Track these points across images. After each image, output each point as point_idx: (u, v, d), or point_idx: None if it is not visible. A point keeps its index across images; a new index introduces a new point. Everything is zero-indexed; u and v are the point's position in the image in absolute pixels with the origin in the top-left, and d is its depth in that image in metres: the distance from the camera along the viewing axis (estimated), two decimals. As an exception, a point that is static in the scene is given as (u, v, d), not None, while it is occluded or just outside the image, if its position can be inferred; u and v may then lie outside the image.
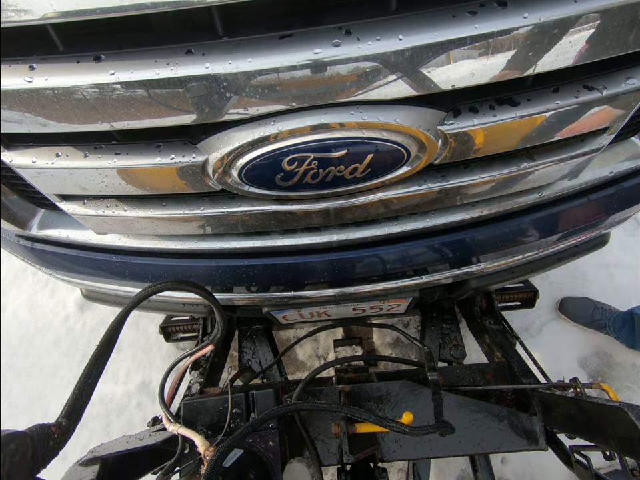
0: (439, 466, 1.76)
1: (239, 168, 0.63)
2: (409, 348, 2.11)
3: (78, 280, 1.08)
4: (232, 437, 0.63)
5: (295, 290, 0.99)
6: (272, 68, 0.51)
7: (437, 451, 0.98)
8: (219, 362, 1.44)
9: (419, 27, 0.50)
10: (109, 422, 2.05)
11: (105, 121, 0.56)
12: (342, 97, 0.55)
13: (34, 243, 1.01)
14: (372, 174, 0.66)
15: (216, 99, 0.53)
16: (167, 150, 0.63)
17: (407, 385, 1.04)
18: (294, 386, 1.04)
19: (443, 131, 0.61)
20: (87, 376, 0.58)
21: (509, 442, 0.96)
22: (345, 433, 0.88)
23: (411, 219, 0.83)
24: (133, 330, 2.26)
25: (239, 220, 0.77)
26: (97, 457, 0.76)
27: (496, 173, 0.72)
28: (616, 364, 1.94)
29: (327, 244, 0.85)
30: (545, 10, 0.49)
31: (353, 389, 1.04)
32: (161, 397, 0.83)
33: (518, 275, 1.10)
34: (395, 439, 0.98)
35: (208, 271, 0.93)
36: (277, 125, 0.58)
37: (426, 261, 0.93)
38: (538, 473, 1.73)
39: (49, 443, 0.48)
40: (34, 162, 0.66)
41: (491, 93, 0.61)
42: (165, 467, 0.77)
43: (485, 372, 1.12)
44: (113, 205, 0.78)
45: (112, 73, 0.51)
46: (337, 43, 0.50)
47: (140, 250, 0.94)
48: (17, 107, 0.55)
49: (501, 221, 0.89)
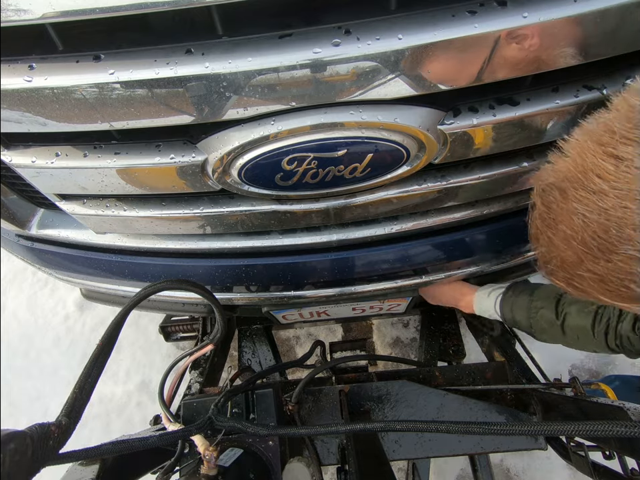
0: (438, 465, 1.76)
1: (238, 167, 0.63)
2: (408, 348, 2.11)
3: (78, 280, 1.08)
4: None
5: (294, 290, 0.99)
6: (272, 67, 0.51)
7: (436, 451, 0.98)
8: (219, 361, 1.44)
9: (419, 26, 0.50)
10: (108, 421, 2.05)
11: (105, 121, 0.56)
12: (342, 97, 0.55)
13: (34, 242, 1.01)
14: (372, 173, 0.66)
15: (216, 99, 0.53)
16: (167, 149, 0.63)
17: (406, 384, 1.04)
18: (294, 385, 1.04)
19: (443, 130, 0.61)
20: (87, 375, 0.58)
21: (509, 441, 0.96)
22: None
23: (411, 218, 0.83)
24: (132, 329, 2.26)
25: (238, 220, 0.77)
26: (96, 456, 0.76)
27: (496, 172, 0.72)
28: (615, 364, 1.94)
29: (326, 244, 0.85)
30: (545, 10, 0.49)
31: (353, 388, 1.04)
32: (161, 396, 0.83)
33: (518, 274, 1.10)
34: (395, 438, 0.99)
35: (208, 271, 0.93)
36: (276, 125, 0.58)
37: (425, 260, 0.93)
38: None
39: (48, 442, 0.48)
40: (33, 161, 0.66)
41: (491, 93, 0.61)
42: (165, 466, 0.77)
43: (484, 372, 1.12)
44: (112, 205, 0.78)
45: (111, 72, 0.51)
46: (336, 43, 0.50)
47: (140, 250, 0.94)
48: (17, 107, 0.55)
49: (501, 221, 0.89)
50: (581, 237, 0.40)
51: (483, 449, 0.97)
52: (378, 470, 0.87)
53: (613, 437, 0.66)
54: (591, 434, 0.46)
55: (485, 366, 1.14)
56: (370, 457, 0.89)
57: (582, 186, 0.40)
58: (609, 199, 0.37)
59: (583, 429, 0.47)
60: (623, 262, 0.38)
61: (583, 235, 0.40)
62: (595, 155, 0.39)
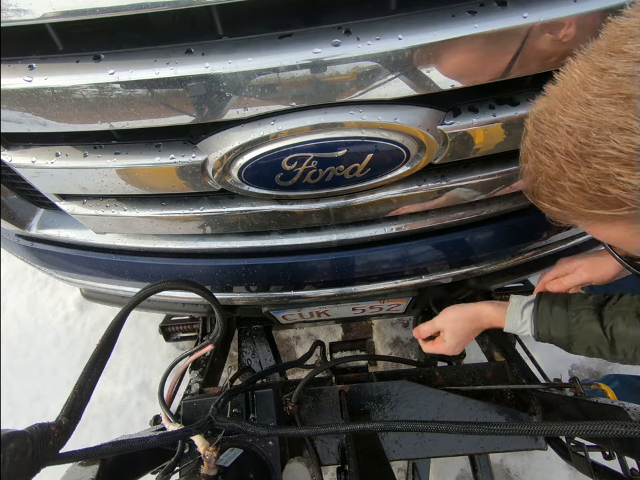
0: (438, 465, 1.76)
1: (238, 167, 0.63)
2: (408, 348, 2.11)
3: (77, 280, 1.08)
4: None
5: (294, 290, 0.99)
6: (272, 67, 0.51)
7: (436, 451, 0.98)
8: (219, 361, 1.44)
9: (419, 26, 0.50)
10: (108, 421, 2.05)
11: (105, 121, 0.56)
12: (342, 97, 0.55)
13: (34, 242, 1.00)
14: (372, 174, 0.66)
15: (216, 99, 0.53)
16: (167, 149, 0.63)
17: (406, 384, 1.04)
18: (293, 386, 1.04)
19: (443, 130, 0.61)
20: (87, 375, 0.58)
21: (509, 441, 0.96)
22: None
23: (411, 218, 0.83)
24: (132, 329, 2.26)
25: (238, 220, 0.77)
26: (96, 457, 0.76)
27: (496, 172, 0.72)
28: (615, 364, 1.94)
29: (326, 244, 0.85)
30: (545, 10, 0.49)
31: (353, 388, 1.04)
32: (161, 396, 0.83)
33: (518, 274, 1.10)
34: (395, 438, 0.99)
35: (208, 271, 0.93)
36: (276, 125, 0.58)
37: (425, 260, 0.93)
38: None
39: (48, 442, 0.47)
40: (33, 161, 0.66)
41: (491, 93, 0.61)
42: (165, 466, 0.77)
43: (484, 372, 1.12)
44: (112, 205, 0.78)
45: (111, 72, 0.51)
46: (336, 43, 0.50)
47: (140, 250, 0.94)
48: (17, 107, 0.55)
49: (501, 221, 0.89)
50: (564, 147, 0.43)
51: (483, 449, 0.97)
52: (378, 470, 0.87)
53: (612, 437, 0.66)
54: (591, 434, 0.46)
55: (485, 366, 1.14)
56: (370, 457, 0.89)
57: (569, 101, 0.43)
58: (592, 106, 0.40)
59: (582, 429, 0.47)
60: (600, 164, 0.40)
61: (566, 145, 0.43)
62: (582, 70, 0.42)
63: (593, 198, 0.43)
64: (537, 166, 0.49)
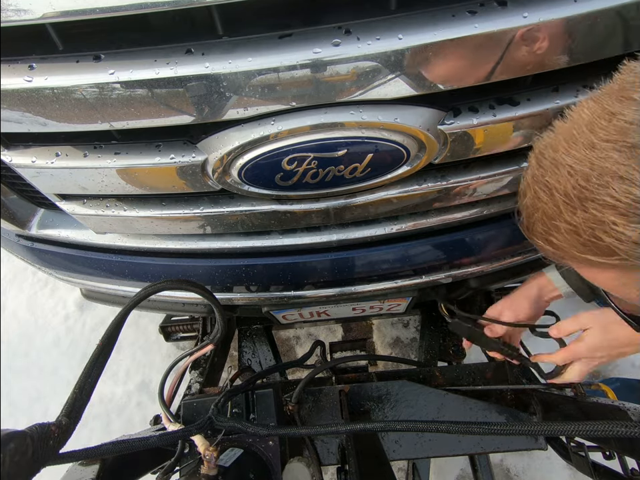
0: (438, 465, 1.76)
1: (238, 167, 0.63)
2: (408, 348, 2.11)
3: (78, 280, 1.08)
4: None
5: (294, 290, 0.99)
6: (272, 67, 0.51)
7: (436, 451, 0.98)
8: (219, 361, 1.44)
9: (419, 26, 0.50)
10: (108, 421, 2.05)
11: (105, 121, 0.56)
12: (342, 97, 0.55)
13: (34, 242, 1.00)
14: (372, 173, 0.66)
15: (216, 99, 0.53)
16: (167, 149, 0.63)
17: (406, 384, 1.04)
18: (294, 386, 1.04)
19: (443, 130, 0.61)
20: (87, 375, 0.58)
21: (509, 441, 0.96)
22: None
23: (411, 218, 0.83)
24: (132, 329, 2.26)
25: (238, 220, 0.77)
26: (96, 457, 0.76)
27: (496, 172, 0.72)
28: (615, 364, 1.94)
29: (326, 244, 0.85)
30: (545, 10, 0.49)
31: (353, 388, 1.04)
32: (161, 396, 0.83)
33: (518, 274, 1.10)
34: (395, 438, 0.99)
35: (208, 271, 0.93)
36: (276, 125, 0.58)
37: (426, 260, 0.93)
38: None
39: (48, 442, 0.47)
40: (33, 161, 0.66)
41: (491, 93, 0.61)
42: (165, 466, 0.77)
43: (484, 372, 1.12)
44: (112, 205, 0.78)
45: (111, 72, 0.51)
46: (336, 43, 0.50)
47: (140, 250, 0.94)
48: (17, 107, 0.55)
49: (501, 221, 0.89)
50: (563, 187, 0.42)
51: (482, 449, 0.97)
52: (378, 470, 0.87)
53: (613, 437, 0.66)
54: (591, 434, 0.46)
55: (485, 366, 1.14)
56: (370, 457, 0.89)
57: (574, 141, 0.42)
58: (596, 150, 0.40)
59: (582, 429, 0.47)
60: (597, 210, 0.40)
61: (565, 185, 0.42)
62: (592, 112, 0.42)
63: (586, 243, 0.42)
64: (534, 202, 0.48)
